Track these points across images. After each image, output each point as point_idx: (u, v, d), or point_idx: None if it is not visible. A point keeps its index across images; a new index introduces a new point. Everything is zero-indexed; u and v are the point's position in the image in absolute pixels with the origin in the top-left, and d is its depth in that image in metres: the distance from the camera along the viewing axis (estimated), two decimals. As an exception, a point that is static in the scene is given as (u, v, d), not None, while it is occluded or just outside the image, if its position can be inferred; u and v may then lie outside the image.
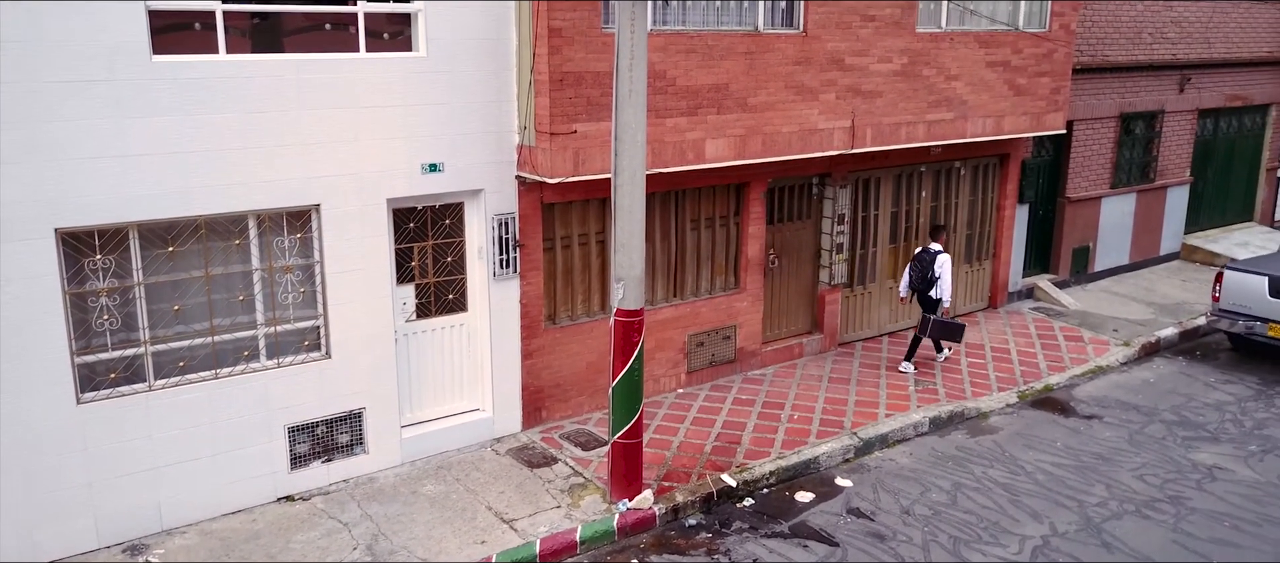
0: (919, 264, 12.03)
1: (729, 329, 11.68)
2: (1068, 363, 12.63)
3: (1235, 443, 10.44)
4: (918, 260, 12.06)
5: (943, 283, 11.84)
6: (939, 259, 11.89)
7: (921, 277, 11.98)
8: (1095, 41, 14.72)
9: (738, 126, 10.35)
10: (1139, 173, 16.39)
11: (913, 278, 12.11)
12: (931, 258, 11.95)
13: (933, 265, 11.89)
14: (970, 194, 13.97)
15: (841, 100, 11.13)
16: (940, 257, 11.91)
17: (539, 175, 9.32)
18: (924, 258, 12.01)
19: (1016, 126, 13.08)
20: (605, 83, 9.17)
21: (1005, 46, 12.58)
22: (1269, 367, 12.69)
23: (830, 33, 10.82)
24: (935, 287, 11.89)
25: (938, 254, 11.93)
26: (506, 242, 9.68)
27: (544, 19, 8.85)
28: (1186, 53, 16.15)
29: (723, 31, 10.11)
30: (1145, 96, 15.83)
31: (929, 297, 11.98)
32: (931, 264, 11.91)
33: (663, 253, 11.07)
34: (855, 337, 13.18)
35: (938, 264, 11.87)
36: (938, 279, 11.86)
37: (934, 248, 12.00)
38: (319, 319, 8.89)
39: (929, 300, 12.00)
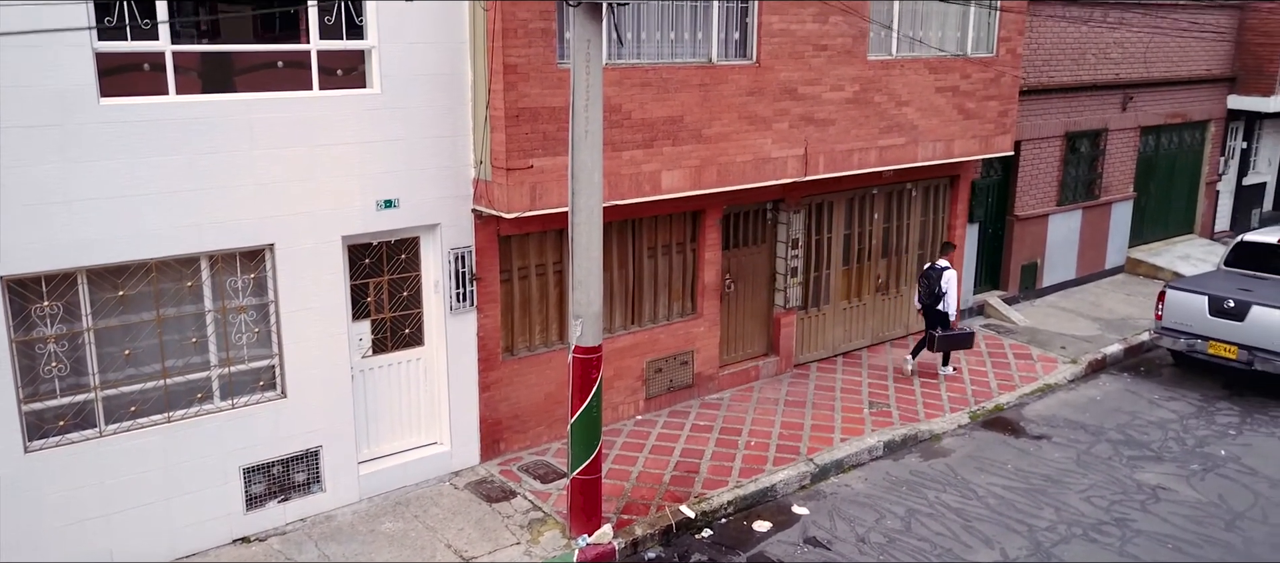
0: (927, 280, 12.56)
1: (686, 355, 11.76)
2: (1018, 382, 12.89)
3: (1178, 462, 10.74)
4: (926, 276, 12.59)
5: (949, 298, 12.38)
6: (945, 275, 12.42)
7: (929, 292, 12.50)
8: (1041, 63, 15.05)
9: (693, 157, 10.44)
10: (1084, 190, 16.77)
11: (921, 293, 12.65)
12: (938, 274, 12.46)
13: (939, 281, 12.39)
14: (922, 215, 14.21)
15: (795, 129, 11.27)
16: (947, 273, 12.44)
17: (496, 210, 9.32)
18: (931, 274, 12.54)
19: (966, 149, 13.33)
20: (562, 118, 9.20)
21: (954, 72, 12.81)
22: (1209, 383, 13.05)
23: (783, 63, 10.95)
24: (942, 301, 12.37)
25: (944, 270, 12.45)
26: (463, 275, 9.67)
27: (499, 56, 8.86)
28: (1129, 73, 16.56)
29: (677, 64, 10.20)
30: (1090, 116, 16.21)
31: (936, 310, 12.47)
32: (938, 280, 12.41)
33: (620, 281, 11.13)
34: (810, 358, 13.34)
35: (944, 280, 12.38)
36: (944, 294, 12.35)
37: (941, 264, 12.53)
38: (274, 358, 8.81)
39: (936, 314, 12.47)
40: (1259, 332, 12.09)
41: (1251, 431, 11.60)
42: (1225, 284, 12.95)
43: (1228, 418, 11.95)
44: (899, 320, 14.34)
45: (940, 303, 12.42)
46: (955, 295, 12.43)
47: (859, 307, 13.77)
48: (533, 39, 8.97)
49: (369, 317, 9.44)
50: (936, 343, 12.43)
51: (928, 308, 12.60)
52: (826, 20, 11.14)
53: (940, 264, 12.54)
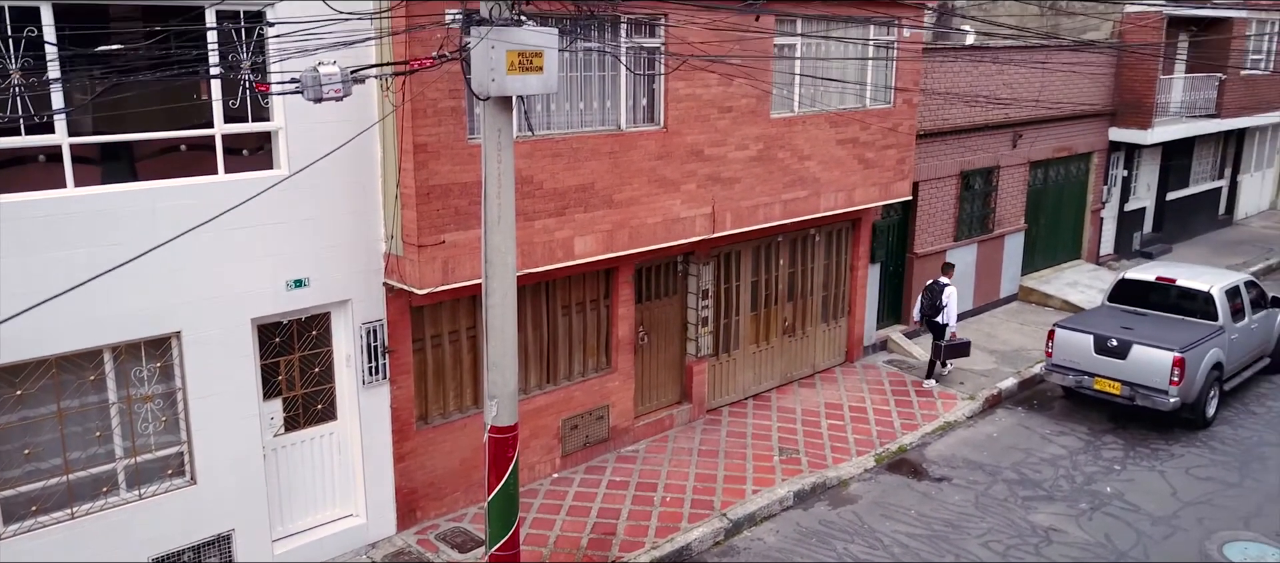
0: (930, 294, 14.27)
1: (602, 409, 11.93)
2: (919, 420, 13.41)
3: (1068, 501, 11.35)
4: (929, 291, 14.31)
5: (949, 311, 14.08)
6: (947, 291, 14.09)
7: (931, 304, 14.17)
8: (937, 107, 15.66)
9: (605, 222, 10.61)
10: (979, 224, 17.50)
11: (924, 305, 14.34)
12: (940, 289, 14.16)
13: (941, 295, 14.07)
14: (825, 258, 14.65)
15: (702, 189, 11.54)
16: (948, 289, 14.10)
17: (408, 286, 9.34)
18: (934, 288, 14.24)
19: (867, 197, 13.81)
20: (473, 192, 9.27)
21: (854, 124, 13.27)
22: (1096, 416, 13.79)
23: (690, 126, 11.21)
24: (942, 313, 14.01)
25: (945, 286, 14.13)
26: (376, 349, 9.65)
27: (409, 135, 8.89)
28: (1018, 112, 17.34)
29: (587, 133, 10.35)
30: (983, 154, 16.93)
31: (936, 322, 14.15)
32: (940, 294, 14.09)
33: (535, 341, 11.22)
34: (722, 402, 13.64)
35: (945, 295, 14.06)
36: (945, 307, 14.00)
37: (943, 281, 14.23)
38: (182, 445, 8.67)
39: (937, 326, 14.13)
40: (1139, 370, 12.83)
41: (1134, 465, 12.31)
42: (1109, 322, 13.70)
43: (1113, 453, 12.65)
44: (806, 361, 14.76)
45: (940, 314, 14.06)
46: (954, 308, 14.10)
47: (768, 349, 14.14)
48: (442, 118, 9.02)
49: (280, 395, 9.35)
50: (940, 352, 14.19)
51: (928, 320, 14.25)
52: (731, 83, 11.44)
53: (942, 281, 14.23)
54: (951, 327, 14.20)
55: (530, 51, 7.57)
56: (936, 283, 14.31)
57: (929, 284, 14.42)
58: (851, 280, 15.11)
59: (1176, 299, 14.05)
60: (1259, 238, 24.46)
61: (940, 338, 14.31)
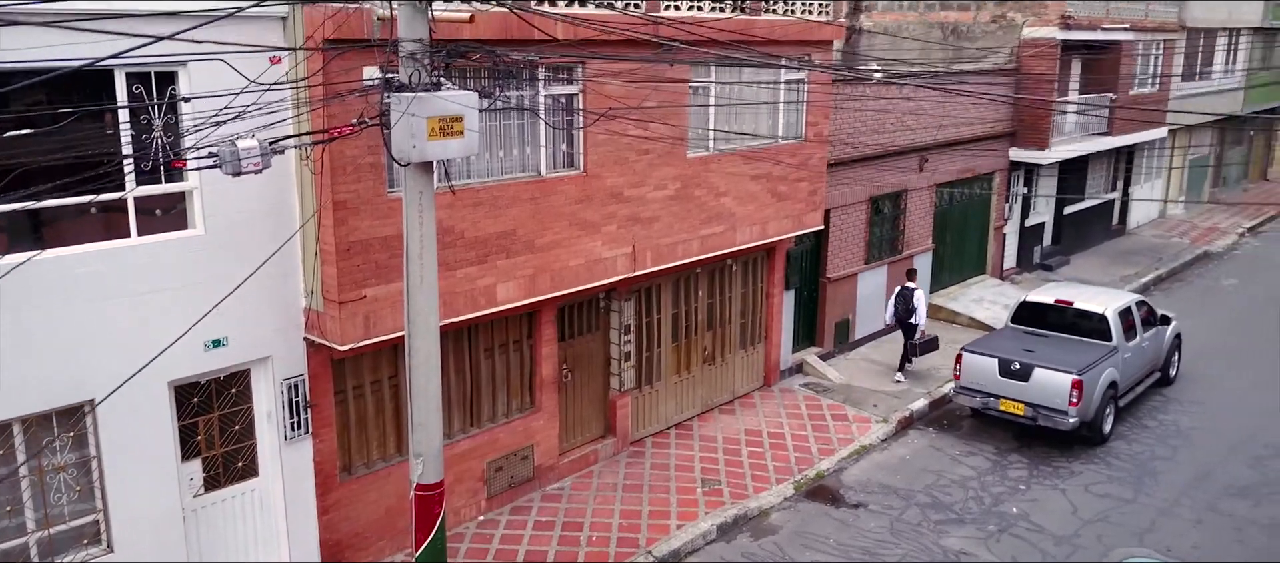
0: (902, 298, 15.97)
1: (526, 449, 12.01)
2: (836, 445, 13.82)
3: (978, 523, 11.85)
4: (900, 296, 16.02)
5: (919, 312, 15.85)
6: (916, 294, 15.85)
7: (905, 307, 15.84)
8: (847, 136, 16.13)
9: (527, 267, 10.71)
10: (889, 247, 18.07)
11: (897, 309, 16.02)
12: (910, 293, 15.90)
13: (911, 298, 15.80)
14: (742, 286, 14.98)
15: (623, 229, 11.72)
16: (917, 292, 15.86)
17: (329, 341, 9.30)
18: (905, 293, 15.97)
19: (780, 229, 14.18)
20: (394, 246, 9.27)
21: (767, 160, 13.61)
22: (1002, 435, 14.39)
23: (609, 169, 11.38)
24: (914, 314, 15.75)
25: (914, 291, 15.87)
26: (297, 404, 9.58)
27: (328, 192, 8.86)
28: (925, 137, 17.97)
29: (508, 181, 10.44)
30: (891, 179, 17.49)
31: (909, 323, 15.88)
32: (911, 297, 15.84)
33: (458, 385, 11.25)
34: (646, 433, 13.84)
35: (915, 298, 15.82)
36: (915, 309, 15.77)
37: (911, 286, 15.96)
38: (98, 513, 8.49)
39: (908, 326, 15.89)
40: (1041, 391, 13.46)
41: (1038, 484, 12.90)
42: (1012, 345, 14.32)
43: (1018, 472, 13.24)
44: (726, 387, 15.07)
45: (912, 316, 15.80)
46: (923, 309, 15.88)
47: (689, 378, 14.39)
48: (362, 174, 9.01)
49: (199, 455, 9.22)
50: (913, 350, 15.91)
51: (902, 321, 15.91)
52: (648, 126, 11.64)
53: (910, 286, 15.95)
54: (921, 325, 15.95)
55: (451, 117, 7.64)
56: (905, 288, 16.00)
57: (898, 290, 16.13)
58: (768, 307, 15.47)
59: (1073, 320, 14.76)
60: (1150, 247, 25.71)
61: (912, 336, 15.99)
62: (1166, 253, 25.08)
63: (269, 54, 7.65)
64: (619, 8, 10.93)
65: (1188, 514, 12.04)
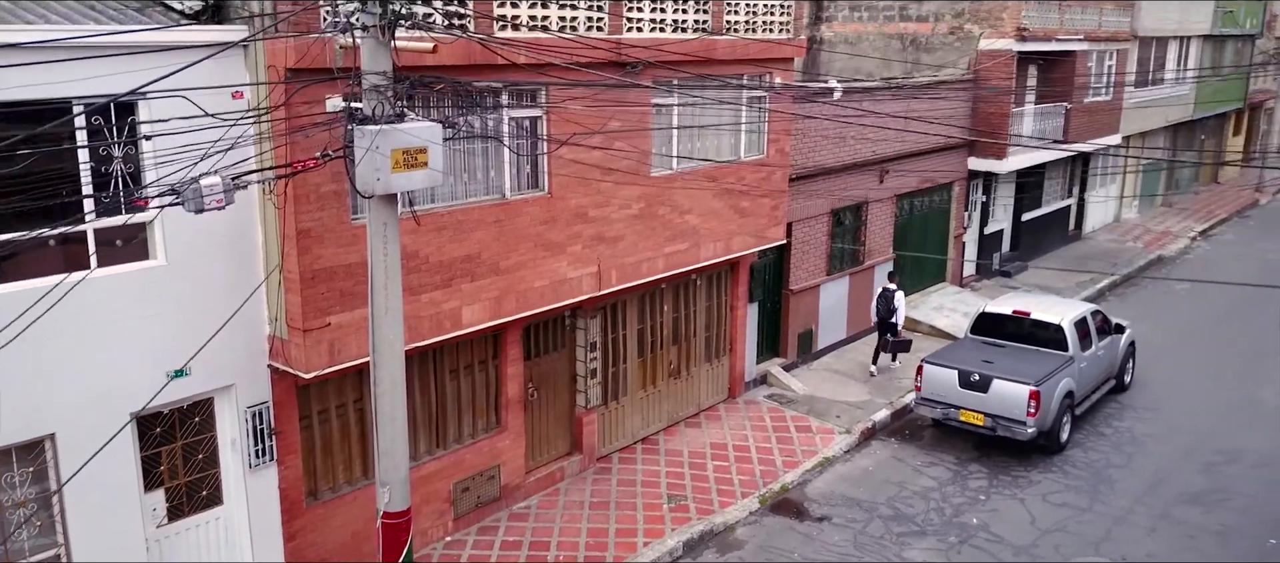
0: (884, 299, 16.87)
1: (493, 469, 12.03)
2: (800, 457, 13.97)
3: (939, 535, 12.06)
4: (882, 297, 16.91)
5: (899, 313, 16.82)
6: (897, 296, 16.80)
7: (886, 307, 16.75)
8: (808, 150, 16.30)
9: (492, 290, 10.74)
10: (850, 258, 18.29)
11: (879, 309, 16.91)
12: (891, 294, 16.80)
13: (892, 299, 16.74)
14: (706, 301, 15.10)
15: (588, 249, 11.79)
16: (898, 293, 16.82)
17: (293, 369, 9.28)
18: (887, 294, 16.85)
19: (743, 244, 14.32)
20: (359, 272, 9.27)
21: (730, 176, 13.74)
22: (963, 445, 14.63)
23: (573, 190, 11.44)
24: (894, 314, 16.73)
25: (895, 292, 16.80)
26: (262, 431, 9.54)
27: (292, 221, 8.84)
28: (885, 150, 18.20)
29: (472, 204, 10.47)
30: (852, 192, 17.70)
31: (890, 322, 16.79)
32: (892, 298, 16.76)
33: (423, 407, 11.25)
34: (612, 449, 13.91)
35: (896, 299, 16.78)
36: (896, 309, 16.72)
37: (892, 287, 16.85)
38: (60, 547, 8.41)
39: (889, 325, 16.80)
40: (999, 402, 13.71)
41: (997, 494, 13.15)
42: (972, 356, 14.56)
43: (978, 482, 13.48)
44: (691, 400, 15.18)
45: (893, 316, 16.73)
46: (903, 310, 16.89)
47: (655, 393, 14.49)
48: (325, 202, 9.00)
49: (162, 485, 9.16)
50: (890, 346, 16.90)
51: (883, 320, 16.82)
52: (612, 145, 11.72)
53: (891, 287, 16.85)
54: (900, 325, 16.97)
55: (414, 149, 7.67)
56: (887, 290, 16.89)
57: (881, 292, 17.05)
58: (732, 320, 15.60)
59: (1031, 330, 15.04)
60: (1105, 252, 26.21)
61: (893, 335, 16.92)
62: (1121, 257, 25.59)
63: (231, 90, 7.62)
64: (582, 31, 10.99)
65: (1142, 522, 12.33)
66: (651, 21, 11.87)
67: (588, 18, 11.01)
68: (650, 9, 11.81)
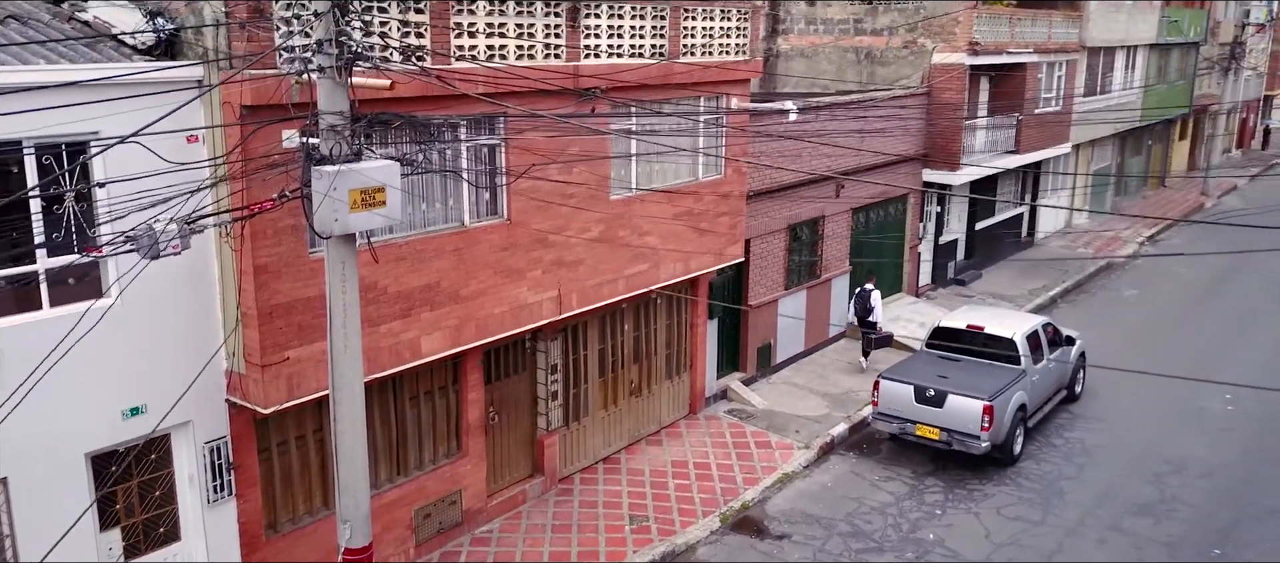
0: (861, 300, 18.11)
1: (454, 494, 12.03)
2: (760, 473, 14.13)
3: (896, 551, 12.26)
4: (859, 297, 18.17)
5: (877, 312, 17.96)
6: (873, 295, 17.96)
7: (863, 308, 17.99)
8: (766, 166, 16.46)
9: (451, 318, 10.75)
10: (807, 271, 18.50)
11: (857, 309, 18.14)
12: (868, 295, 18.00)
13: (868, 299, 17.93)
14: (667, 318, 15.21)
15: (548, 274, 11.83)
16: (874, 294, 17.99)
17: (252, 404, 9.23)
18: (863, 295, 18.09)
19: (703, 264, 14.44)
20: (317, 306, 9.23)
21: (688, 197, 13.86)
22: (919, 459, 14.87)
23: (533, 216, 11.48)
24: (872, 314, 17.90)
25: (871, 292, 17.97)
26: (220, 466, 9.48)
27: (249, 257, 8.80)
28: (841, 164, 18.42)
29: (431, 233, 10.47)
30: (809, 207, 17.91)
31: (868, 321, 17.97)
32: (868, 298, 17.95)
33: (384, 435, 11.22)
34: (574, 469, 13.96)
35: (872, 299, 17.94)
36: (873, 308, 17.88)
37: (869, 288, 18.07)
38: (13, 591, 8.29)
39: (868, 324, 17.97)
40: (954, 417, 13.96)
41: (953, 508, 13.39)
42: (927, 370, 14.81)
43: (934, 496, 13.72)
44: (652, 418, 15.28)
45: (870, 315, 17.89)
46: (880, 309, 18.08)
47: (616, 412, 14.56)
48: (282, 237, 8.97)
49: (119, 524, 9.06)
50: (871, 344, 17.97)
51: (861, 320, 18.04)
52: (571, 170, 11.77)
53: (868, 288, 18.06)
54: (879, 323, 18.03)
55: (373, 188, 7.68)
56: (864, 290, 18.10)
57: (858, 292, 18.30)
58: (692, 337, 15.72)
59: (984, 344, 15.33)
60: (1056, 258, 26.73)
61: (873, 331, 18.00)
62: (1072, 264, 26.12)
63: (186, 134, 7.57)
64: (539, 59, 11.03)
65: (1092, 535, 12.63)
66: (609, 47, 11.93)
67: (545, 45, 11.06)
68: (608, 35, 11.88)
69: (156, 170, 7.15)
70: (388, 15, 9.39)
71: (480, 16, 10.27)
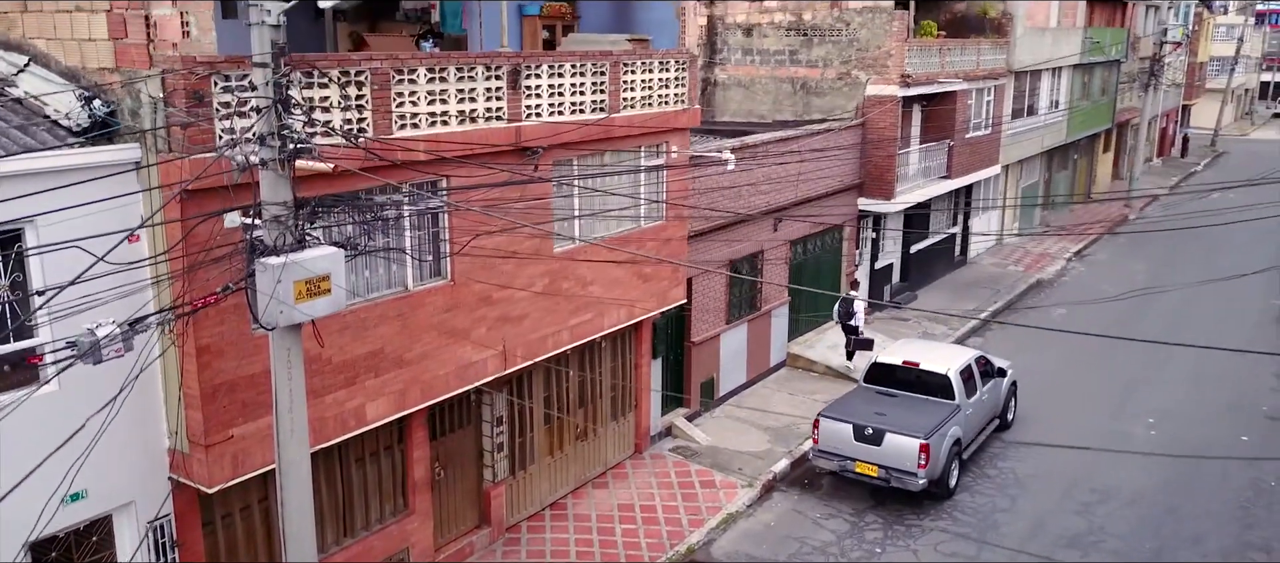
0: (844, 305, 19.70)
1: (402, 552, 12.04)
2: (705, 514, 14.34)
3: (838, 593, 12.58)
4: (843, 303, 19.78)
5: (858, 316, 19.52)
6: (856, 302, 19.55)
7: (846, 313, 19.57)
8: (705, 207, 16.70)
9: (396, 383, 10.77)
10: (748, 305, 18.81)
11: (840, 313, 19.83)
12: (850, 301, 19.56)
13: (851, 305, 19.48)
14: (611, 361, 15.35)
15: (493, 331, 11.90)
16: (857, 301, 19.59)
17: (195, 483, 9.17)
18: (847, 301, 19.68)
19: (646, 308, 14.63)
20: (262, 382, 9.20)
21: (631, 244, 14.02)
22: (859, 495, 15.22)
23: (477, 275, 11.54)
24: (853, 318, 19.45)
25: (854, 299, 19.62)
26: (163, 545, 9.39)
27: (191, 338, 8.74)
28: (779, 199, 18.76)
29: (375, 300, 10.48)
30: (748, 243, 18.20)
31: (850, 325, 19.53)
32: (850, 304, 19.49)
33: (329, 498, 11.19)
34: (521, 517, 14.03)
35: (854, 305, 19.48)
36: (855, 313, 19.40)
37: (852, 295, 19.87)
38: (-50, 688, 8.14)
39: (850, 327, 19.53)
40: (892, 455, 14.33)
41: (892, 545, 13.76)
42: (865, 408, 15.18)
43: (874, 533, 14.08)
44: (598, 460, 15.41)
45: (852, 319, 19.40)
46: (861, 314, 19.61)
47: (562, 458, 14.67)
48: (225, 316, 8.92)
49: (59, 609, 8.93)
50: (853, 345, 19.52)
51: (845, 324, 19.62)
52: (515, 227, 11.85)
53: (852, 295, 19.87)
54: (861, 327, 19.54)
55: (318, 277, 7.71)
56: (847, 297, 19.82)
57: (842, 298, 19.92)
58: (637, 377, 15.88)
59: (920, 379, 15.75)
60: (989, 277, 27.46)
61: (856, 334, 19.48)
62: (1003, 283, 26.86)
63: (127, 234, 7.51)
64: (481, 123, 11.11)
65: (1025, 569, 13.10)
66: (551, 106, 12.05)
67: (487, 109, 11.14)
68: (548, 94, 11.99)
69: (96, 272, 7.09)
70: (329, 91, 9.39)
71: (422, 85, 10.32)
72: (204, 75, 8.31)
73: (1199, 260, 29.29)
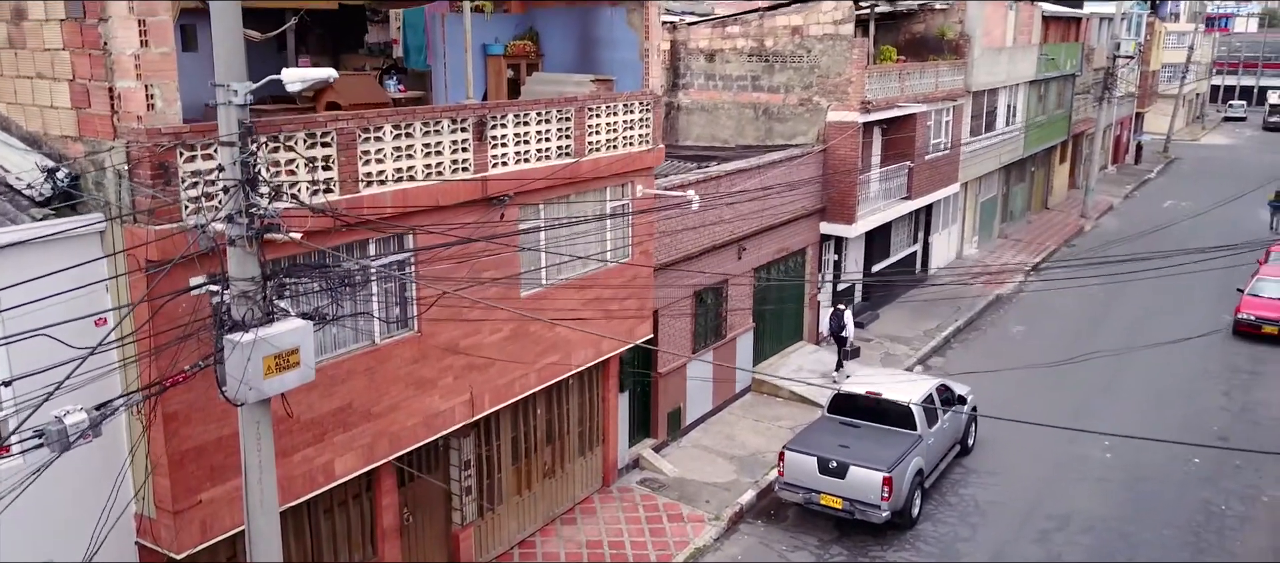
0: (836, 317, 20.65)
1: (370, 601, 12.06)
2: (673, 550, 14.48)
3: (805, 629, 12.77)
4: (834, 315, 20.72)
5: (849, 328, 20.61)
6: (846, 314, 20.63)
7: (837, 324, 20.55)
8: (670, 237, 16.85)
9: (365, 437, 10.79)
10: (713, 333, 18.98)
11: (832, 325, 20.73)
12: (841, 313, 20.62)
13: (842, 318, 20.52)
14: (579, 397, 15.44)
15: (460, 379, 11.96)
16: (846, 312, 20.65)
17: (164, 549, 9.15)
18: (837, 313, 20.68)
19: (613, 346, 14.74)
20: (230, 444, 9.19)
21: (598, 284, 14.13)
22: (825, 526, 15.43)
23: (444, 325, 11.59)
24: (845, 330, 20.49)
25: (844, 311, 20.66)
26: (131, 610, 9.35)
27: (158, 406, 8.72)
28: (743, 228, 18.95)
29: (342, 356, 10.50)
30: (713, 273, 18.37)
31: (841, 336, 20.60)
32: (841, 317, 20.54)
33: (298, 551, 11.17)
34: (489, 557, 14.08)
35: (845, 318, 20.54)
36: (846, 325, 20.49)
37: (841, 307, 20.88)
38: None
39: (841, 338, 20.63)
40: (855, 488, 14.57)
41: (857, 579, 14.01)
42: (830, 440, 15.40)
43: (839, 568, 14.32)
44: (566, 496, 15.49)
45: (842, 331, 20.50)
46: (851, 326, 20.71)
47: (530, 496, 14.73)
48: (192, 384, 8.89)
49: (25, 680, 8.86)
50: (844, 357, 20.78)
51: (835, 334, 20.67)
52: (482, 275, 11.91)
53: (841, 307, 20.88)
54: (851, 339, 20.80)
55: (287, 351, 7.74)
56: (837, 309, 20.82)
57: (833, 311, 20.86)
58: (604, 411, 15.99)
59: (882, 409, 16.01)
60: (950, 293, 27.87)
61: (844, 345, 20.73)
62: (963, 299, 27.29)
63: (93, 317, 7.50)
64: (448, 174, 11.16)
65: (986, 601, 13.37)
66: (517, 153, 12.12)
67: (453, 161, 11.19)
68: (515, 142, 12.06)
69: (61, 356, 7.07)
70: (295, 153, 9.40)
71: (387, 142, 10.35)
72: (169, 146, 8.29)
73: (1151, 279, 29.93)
